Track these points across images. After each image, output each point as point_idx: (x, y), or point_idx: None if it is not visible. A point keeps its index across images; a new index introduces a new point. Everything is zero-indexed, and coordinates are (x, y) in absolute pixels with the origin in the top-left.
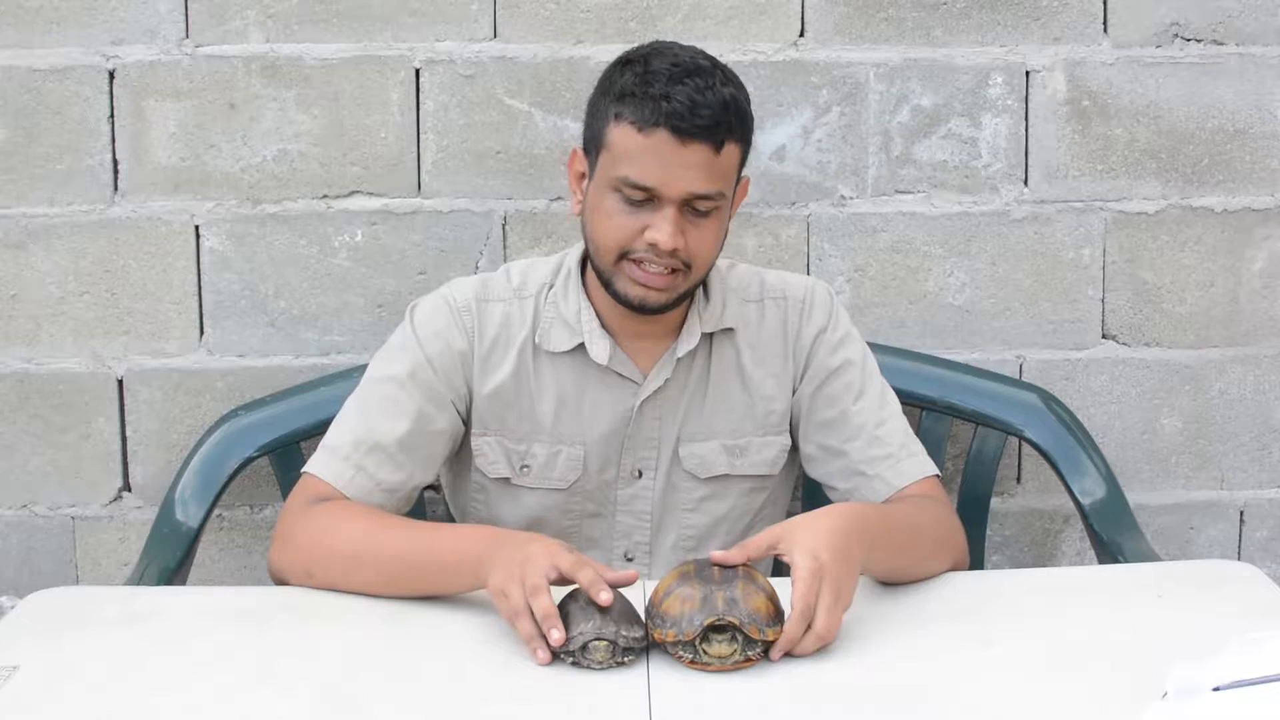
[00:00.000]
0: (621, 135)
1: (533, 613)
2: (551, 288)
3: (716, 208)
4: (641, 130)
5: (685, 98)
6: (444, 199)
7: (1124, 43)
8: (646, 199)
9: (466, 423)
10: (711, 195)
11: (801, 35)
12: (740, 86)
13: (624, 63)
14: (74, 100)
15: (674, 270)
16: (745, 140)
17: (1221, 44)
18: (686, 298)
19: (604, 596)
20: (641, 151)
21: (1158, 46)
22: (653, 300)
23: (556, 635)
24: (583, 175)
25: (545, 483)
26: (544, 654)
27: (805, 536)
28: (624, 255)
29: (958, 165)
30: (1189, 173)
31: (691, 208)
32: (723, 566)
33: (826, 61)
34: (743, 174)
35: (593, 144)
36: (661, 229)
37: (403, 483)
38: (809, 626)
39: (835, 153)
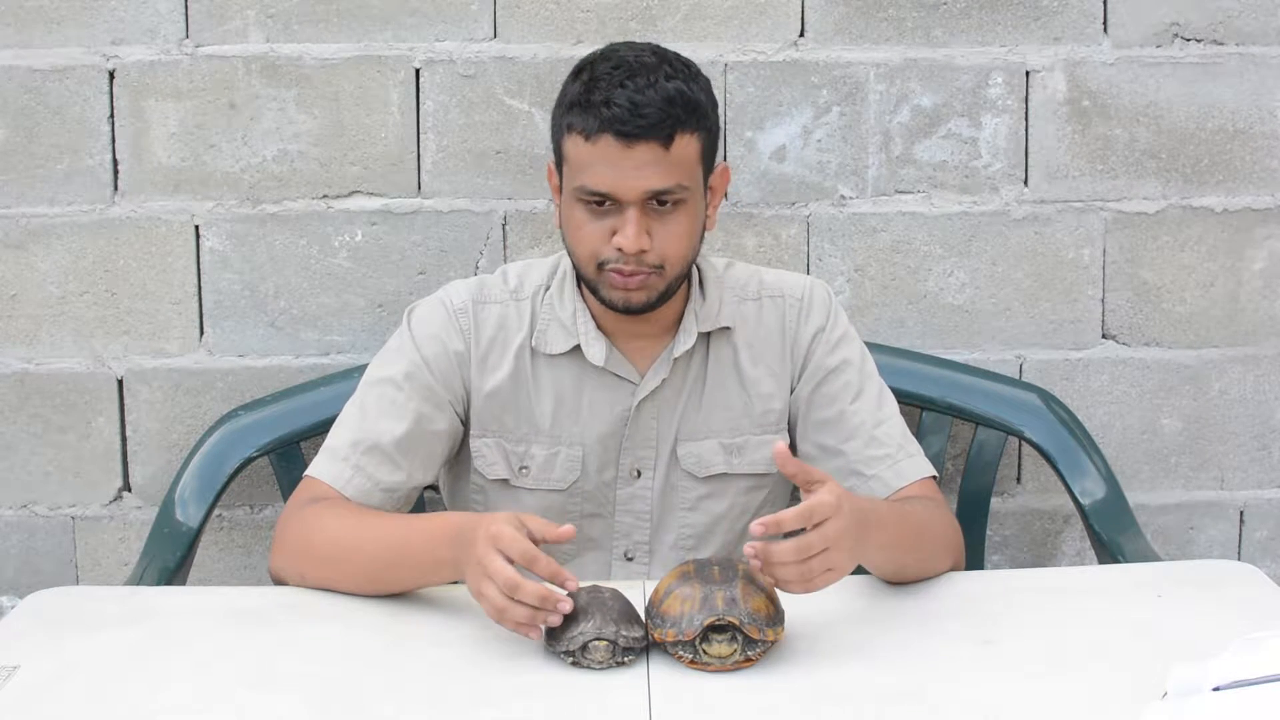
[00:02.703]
0: (573, 146)
1: (522, 601)
2: (548, 289)
3: (682, 201)
4: (589, 139)
5: (625, 100)
6: (444, 199)
7: (1124, 43)
8: (608, 204)
9: (465, 424)
10: (671, 190)
11: (801, 35)
12: (693, 76)
13: (575, 71)
14: (74, 100)
15: (649, 270)
16: (703, 128)
17: (1221, 44)
18: (672, 294)
19: (563, 606)
20: (592, 159)
21: (1158, 46)
22: (635, 301)
23: (565, 606)
24: (559, 188)
25: (544, 484)
26: (548, 625)
27: (842, 507)
28: (601, 265)
29: (958, 165)
30: (1189, 173)
31: (656, 205)
32: (724, 566)
33: (826, 61)
34: (717, 161)
35: (557, 157)
36: (625, 232)
37: (401, 483)
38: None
39: (835, 153)
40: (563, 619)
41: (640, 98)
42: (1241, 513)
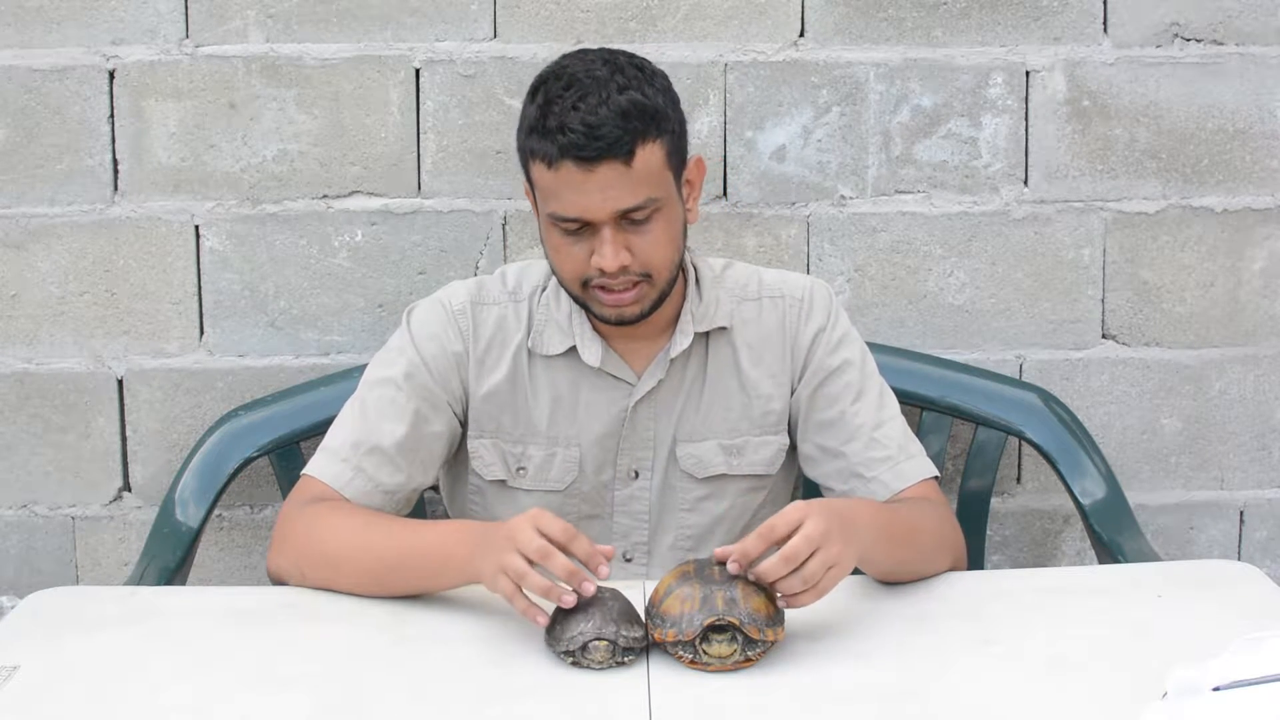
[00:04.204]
0: (538, 173)
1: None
2: (544, 290)
3: (655, 210)
4: (550, 166)
5: (580, 124)
6: (444, 199)
7: (1124, 43)
8: (582, 226)
9: (464, 425)
10: (641, 205)
11: (801, 35)
12: (647, 79)
13: (531, 91)
14: (74, 100)
15: (635, 283)
16: (665, 132)
17: (1221, 44)
18: (664, 299)
19: (586, 588)
20: (557, 186)
21: (1158, 46)
22: (629, 313)
23: (589, 589)
24: (536, 208)
25: (542, 485)
26: (570, 597)
27: (812, 508)
28: (586, 284)
29: (958, 165)
30: (1189, 173)
31: (629, 219)
32: (723, 565)
33: (826, 61)
34: (689, 154)
35: (527, 180)
36: (602, 253)
37: (402, 485)
38: (792, 570)
39: (835, 153)
40: (563, 619)
41: (593, 118)
42: (1241, 513)
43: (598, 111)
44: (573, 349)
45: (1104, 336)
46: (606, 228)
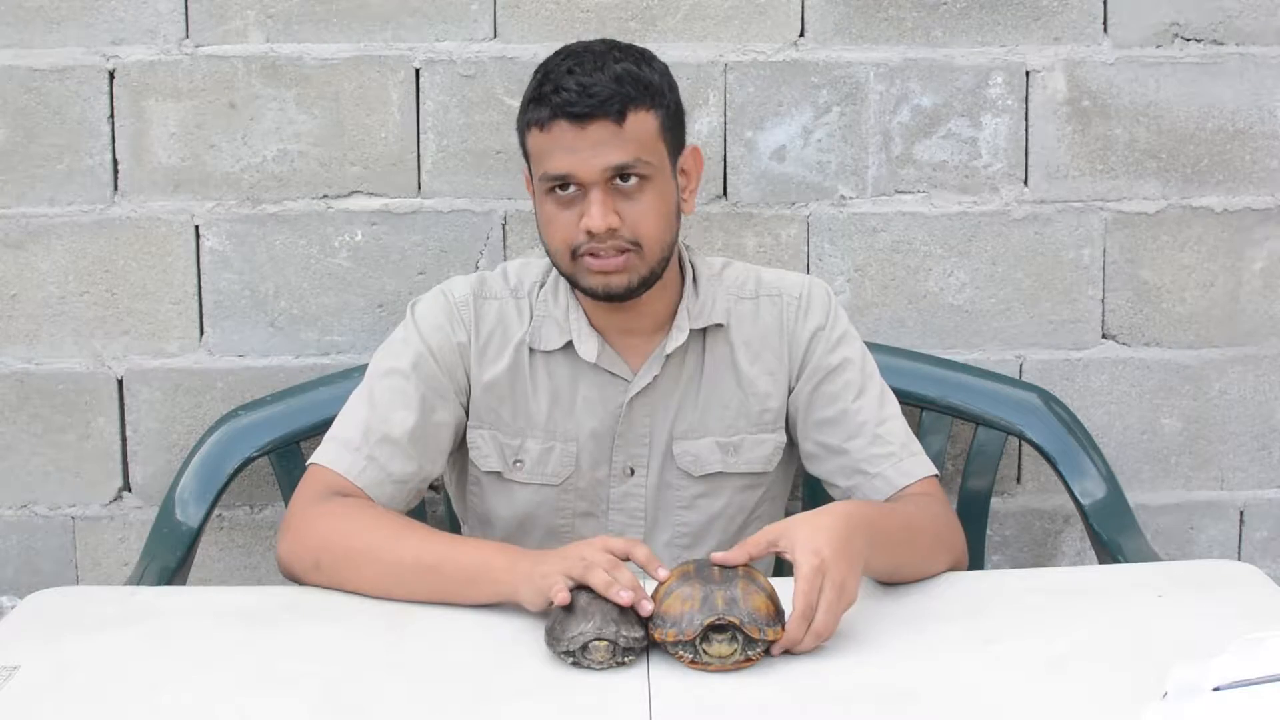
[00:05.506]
0: (533, 140)
1: (619, 579)
2: (543, 287)
3: (646, 178)
4: (544, 129)
5: (574, 84)
6: (444, 199)
7: (1124, 43)
8: (573, 191)
9: (468, 415)
10: (630, 164)
11: (801, 35)
12: (644, 60)
13: (533, 74)
14: (74, 100)
15: (624, 251)
16: (659, 105)
17: (1221, 44)
18: (655, 278)
19: (644, 606)
20: (550, 146)
21: (1158, 46)
22: (615, 284)
23: (646, 607)
24: (533, 191)
25: (538, 478)
26: (627, 594)
27: (806, 533)
28: (575, 253)
29: (958, 165)
30: (1189, 173)
31: (620, 183)
32: (723, 566)
33: (826, 61)
34: (687, 142)
35: (525, 159)
36: (590, 212)
37: (412, 474)
38: (810, 625)
39: (835, 153)
40: (564, 619)
41: (588, 79)
42: (1241, 513)
43: (592, 74)
44: (570, 345)
45: (1104, 336)
46: (596, 189)
